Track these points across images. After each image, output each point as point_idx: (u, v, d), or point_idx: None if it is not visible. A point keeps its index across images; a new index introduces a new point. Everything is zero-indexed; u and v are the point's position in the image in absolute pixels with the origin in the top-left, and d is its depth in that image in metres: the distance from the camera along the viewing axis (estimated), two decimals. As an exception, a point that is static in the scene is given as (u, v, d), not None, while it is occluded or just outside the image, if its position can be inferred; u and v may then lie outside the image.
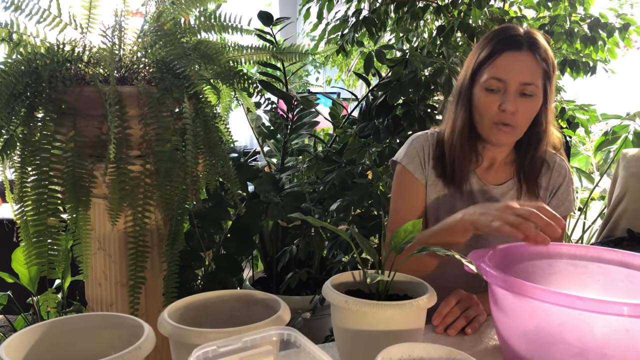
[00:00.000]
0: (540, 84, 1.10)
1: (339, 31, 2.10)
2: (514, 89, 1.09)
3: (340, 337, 0.82)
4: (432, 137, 1.25)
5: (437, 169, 1.22)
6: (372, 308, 0.75)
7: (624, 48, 2.18)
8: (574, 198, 1.22)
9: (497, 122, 1.11)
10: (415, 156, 1.23)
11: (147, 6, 1.50)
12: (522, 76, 1.09)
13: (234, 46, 1.55)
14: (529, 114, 1.12)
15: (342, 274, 0.89)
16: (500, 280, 0.80)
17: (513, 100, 1.08)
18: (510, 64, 1.09)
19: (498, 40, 1.12)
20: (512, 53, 1.10)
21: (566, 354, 0.75)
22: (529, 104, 1.10)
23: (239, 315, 0.81)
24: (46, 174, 1.19)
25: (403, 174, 1.25)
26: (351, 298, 0.77)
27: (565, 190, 1.21)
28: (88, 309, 1.46)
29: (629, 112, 2.28)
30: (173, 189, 1.30)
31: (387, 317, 0.76)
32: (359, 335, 0.77)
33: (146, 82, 1.32)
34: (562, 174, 1.21)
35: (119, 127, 1.22)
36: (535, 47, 1.10)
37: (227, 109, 1.79)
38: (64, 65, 1.26)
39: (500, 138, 1.13)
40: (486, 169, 1.23)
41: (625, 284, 0.93)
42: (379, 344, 0.65)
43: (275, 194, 1.76)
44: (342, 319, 0.79)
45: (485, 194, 1.21)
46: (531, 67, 1.09)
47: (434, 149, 1.23)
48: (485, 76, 1.11)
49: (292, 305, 0.84)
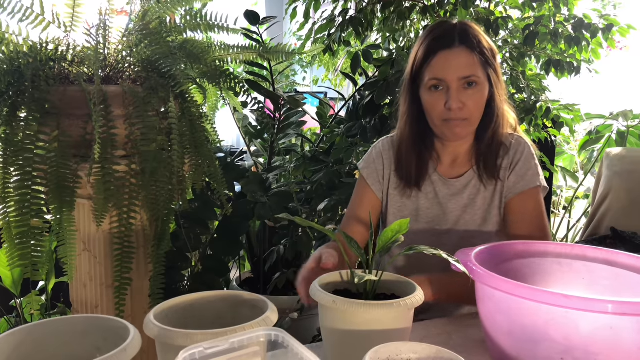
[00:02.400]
0: (481, 73, 1.11)
1: (326, 31, 2.10)
2: (455, 85, 1.10)
3: (328, 337, 0.81)
4: (394, 141, 1.27)
5: (398, 172, 1.24)
6: (360, 308, 0.75)
7: (607, 49, 2.20)
8: (538, 172, 1.19)
9: (446, 119, 1.13)
10: (372, 163, 1.27)
11: (132, 5, 1.49)
12: (460, 72, 1.10)
13: (220, 45, 1.54)
14: (478, 104, 1.13)
15: (330, 274, 0.88)
16: (486, 278, 0.81)
17: (456, 96, 1.10)
18: (446, 63, 1.11)
19: (432, 39, 1.14)
20: (445, 52, 1.11)
21: (552, 352, 0.76)
22: (474, 95, 1.11)
23: (226, 317, 0.80)
24: (29, 174, 1.18)
25: (360, 180, 1.29)
26: (339, 298, 0.76)
27: (524, 165, 1.18)
28: (73, 311, 1.44)
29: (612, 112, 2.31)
30: (159, 189, 1.28)
31: (376, 316, 0.76)
32: (348, 335, 0.77)
33: (131, 82, 1.31)
34: (519, 150, 1.20)
35: (104, 127, 1.21)
36: (467, 40, 1.11)
37: (213, 108, 1.78)
38: (48, 64, 1.24)
39: (455, 132, 1.14)
40: (449, 165, 1.23)
41: (609, 281, 0.94)
42: (368, 344, 0.65)
43: (262, 194, 1.76)
44: (330, 319, 0.79)
45: (448, 189, 1.22)
46: (467, 61, 1.10)
47: (394, 153, 1.25)
48: (426, 78, 1.13)
49: (279, 306, 0.84)
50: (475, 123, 1.16)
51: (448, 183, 1.22)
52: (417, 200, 1.23)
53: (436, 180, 1.22)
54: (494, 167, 1.19)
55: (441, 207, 1.22)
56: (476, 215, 1.20)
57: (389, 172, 1.25)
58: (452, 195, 1.21)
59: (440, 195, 1.22)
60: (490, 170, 1.19)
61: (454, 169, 1.23)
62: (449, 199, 1.21)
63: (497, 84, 1.16)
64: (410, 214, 1.23)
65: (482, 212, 1.20)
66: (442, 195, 1.22)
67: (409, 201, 1.23)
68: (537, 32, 1.99)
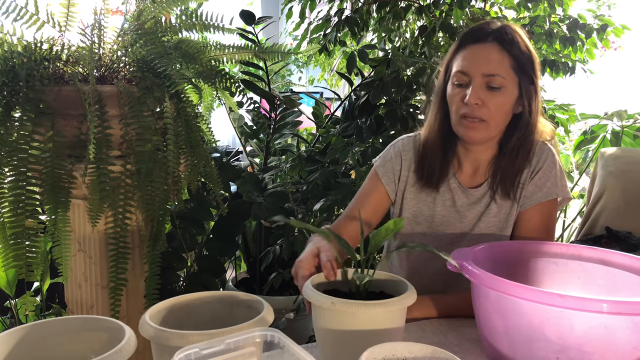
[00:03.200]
0: (509, 76, 1.06)
1: (322, 31, 2.10)
2: (477, 81, 1.05)
3: (324, 338, 0.81)
4: (415, 140, 1.22)
5: (418, 172, 1.19)
6: (360, 308, 0.74)
7: (601, 49, 2.22)
8: (557, 183, 1.12)
9: (461, 115, 1.08)
10: (389, 162, 1.21)
11: (127, 4, 1.48)
12: (484, 67, 1.05)
13: (215, 45, 1.54)
14: (499, 108, 1.07)
15: (321, 274, 0.88)
16: (482, 278, 0.81)
17: (476, 92, 1.05)
18: (473, 56, 1.07)
19: (467, 33, 1.11)
20: (475, 45, 1.08)
21: (547, 351, 0.76)
22: (497, 98, 1.06)
23: (221, 317, 0.80)
24: (24, 174, 1.17)
25: (372, 176, 1.24)
26: (337, 299, 0.76)
27: (544, 174, 1.12)
28: (68, 312, 1.43)
29: (607, 112, 2.32)
30: (154, 189, 1.28)
31: (373, 316, 0.76)
32: (345, 335, 0.77)
33: (126, 82, 1.31)
34: (542, 158, 1.13)
35: (99, 127, 1.20)
36: (503, 39, 1.06)
37: (209, 108, 1.77)
38: (42, 64, 1.23)
39: (469, 134, 1.09)
40: (470, 174, 1.19)
41: (604, 281, 0.95)
42: (365, 343, 0.65)
43: (258, 194, 1.75)
44: (326, 319, 0.79)
45: (467, 198, 1.18)
46: (496, 58, 1.05)
47: (415, 152, 1.21)
48: (453, 70, 1.10)
49: (275, 306, 0.83)
50: (493, 129, 1.09)
51: (467, 192, 1.17)
52: (433, 207, 1.19)
53: (455, 187, 1.18)
54: (511, 186, 1.13)
55: (458, 214, 1.18)
56: (490, 222, 1.16)
57: (407, 174, 1.20)
58: (471, 204, 1.17)
59: (458, 204, 1.17)
60: (506, 189, 1.13)
61: (474, 178, 1.18)
62: (467, 207, 1.17)
63: (532, 95, 1.08)
64: (425, 219, 1.19)
65: (497, 220, 1.16)
66: (459, 204, 1.17)
67: (425, 207, 1.19)
68: (532, 32, 1.99)
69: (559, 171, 1.14)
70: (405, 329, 0.99)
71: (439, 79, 1.17)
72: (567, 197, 1.14)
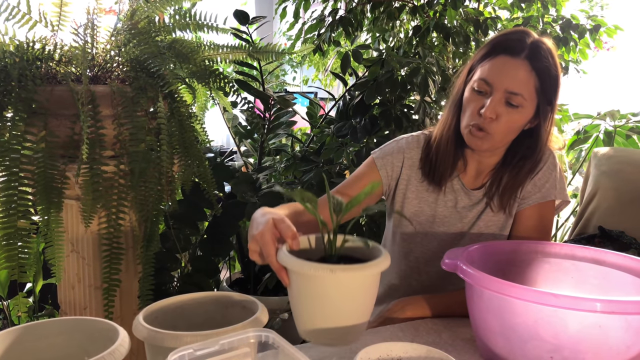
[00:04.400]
0: (531, 97, 1.04)
1: (316, 30, 2.10)
2: (498, 95, 1.03)
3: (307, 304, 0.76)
4: (420, 139, 1.22)
5: (425, 169, 1.19)
6: (333, 273, 0.69)
7: (594, 49, 2.23)
8: (556, 185, 1.12)
9: (473, 124, 1.07)
10: (389, 155, 1.20)
11: (120, 4, 1.47)
12: (510, 84, 1.03)
13: (209, 45, 1.53)
14: (510, 125, 1.06)
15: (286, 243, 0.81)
16: (476, 278, 0.81)
17: (494, 106, 1.03)
18: (500, 68, 1.04)
19: (502, 40, 1.07)
20: (506, 58, 1.04)
21: (541, 350, 0.76)
22: (512, 115, 1.05)
23: (215, 318, 0.80)
24: (16, 175, 1.16)
25: (369, 164, 1.22)
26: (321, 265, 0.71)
27: (544, 175, 1.12)
28: (61, 313, 1.43)
29: (600, 112, 2.33)
30: (148, 189, 1.28)
31: (359, 279, 0.72)
32: (326, 300, 0.73)
33: (120, 81, 1.30)
34: (542, 159, 1.13)
35: (92, 127, 1.20)
36: (536, 58, 1.03)
37: (202, 108, 1.77)
38: (34, 63, 1.23)
39: (472, 142, 1.09)
40: (473, 176, 1.19)
41: (597, 280, 0.95)
42: (336, 309, 0.69)
43: (252, 194, 1.75)
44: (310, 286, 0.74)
45: (469, 200, 1.18)
46: (523, 77, 1.03)
47: (422, 150, 1.20)
48: (477, 76, 1.08)
49: (269, 306, 0.83)
50: (498, 141, 1.08)
51: (470, 194, 1.18)
52: (435, 207, 1.19)
53: (458, 189, 1.18)
54: (508, 201, 1.13)
55: (459, 215, 1.18)
56: (491, 222, 1.17)
57: (409, 173, 1.19)
58: (472, 205, 1.17)
59: (459, 205, 1.18)
60: (503, 202, 1.14)
61: (477, 180, 1.18)
62: (469, 208, 1.18)
63: (547, 115, 1.08)
64: (427, 219, 1.19)
65: (497, 219, 1.16)
66: (461, 205, 1.18)
67: (427, 207, 1.19)
68: (524, 31, 2.00)
69: (558, 174, 1.14)
70: (400, 329, 0.99)
71: (460, 78, 1.15)
72: (565, 200, 1.15)
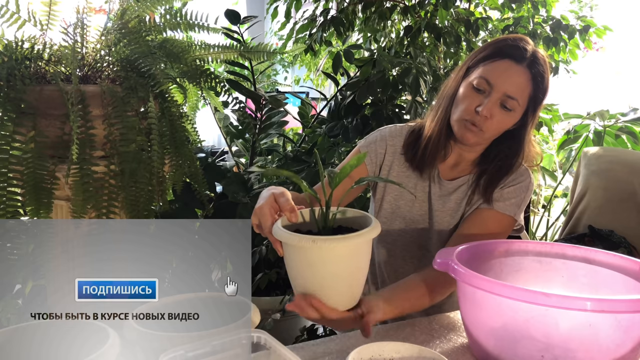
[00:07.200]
0: (523, 103, 1.10)
1: (307, 30, 2.10)
2: (496, 96, 1.08)
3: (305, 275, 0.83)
4: (403, 129, 1.27)
5: (407, 154, 1.23)
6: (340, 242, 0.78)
7: (584, 49, 2.24)
8: (520, 207, 1.17)
9: (467, 119, 1.11)
10: (372, 144, 1.26)
11: (111, 3, 1.46)
12: (509, 88, 1.08)
13: (200, 45, 1.52)
14: (500, 126, 1.11)
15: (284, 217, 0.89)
16: (468, 277, 0.81)
17: (490, 106, 1.08)
18: (505, 72, 1.09)
19: (505, 45, 1.12)
20: (511, 63, 1.09)
21: (532, 349, 0.76)
22: (504, 117, 1.10)
23: (207, 318, 0.79)
24: (5, 175, 1.15)
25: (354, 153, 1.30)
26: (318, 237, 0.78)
27: (513, 192, 1.17)
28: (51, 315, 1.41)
29: (590, 112, 2.35)
30: (138, 190, 1.27)
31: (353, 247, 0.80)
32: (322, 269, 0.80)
33: (110, 81, 1.29)
34: (517, 179, 1.18)
35: (82, 127, 1.19)
36: (536, 69, 1.10)
37: (194, 108, 1.76)
38: (23, 63, 1.21)
39: (466, 136, 1.12)
40: (450, 166, 1.23)
41: (587, 279, 0.96)
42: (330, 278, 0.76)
43: (244, 194, 1.75)
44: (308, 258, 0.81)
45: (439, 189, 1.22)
46: (522, 85, 1.09)
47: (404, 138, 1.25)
48: (477, 74, 1.11)
49: (261, 307, 0.83)
50: (487, 139, 1.15)
51: (441, 183, 1.22)
52: (414, 192, 1.23)
53: (434, 176, 1.23)
54: (490, 194, 1.17)
55: (430, 204, 1.22)
56: (454, 218, 1.21)
57: (392, 159, 1.24)
58: (441, 196, 1.21)
59: (431, 193, 1.22)
60: (487, 196, 1.17)
61: (453, 171, 1.23)
62: (437, 199, 1.21)
63: (531, 121, 1.15)
64: (405, 203, 1.23)
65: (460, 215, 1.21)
66: (432, 192, 1.22)
67: (406, 192, 1.24)
68: (516, 33, 2.01)
69: (525, 198, 1.18)
70: (392, 328, 0.99)
71: (457, 74, 1.18)
72: (519, 224, 1.19)
